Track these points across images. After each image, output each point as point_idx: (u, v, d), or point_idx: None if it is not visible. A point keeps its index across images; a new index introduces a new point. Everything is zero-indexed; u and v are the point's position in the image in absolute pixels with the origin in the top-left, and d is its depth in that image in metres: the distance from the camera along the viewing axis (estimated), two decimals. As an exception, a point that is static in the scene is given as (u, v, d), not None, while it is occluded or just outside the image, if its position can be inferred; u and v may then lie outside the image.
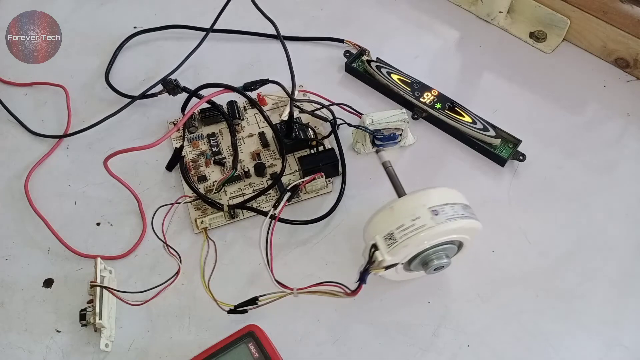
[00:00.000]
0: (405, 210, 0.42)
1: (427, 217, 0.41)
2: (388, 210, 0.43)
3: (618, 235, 0.52)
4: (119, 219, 0.53)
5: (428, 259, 0.44)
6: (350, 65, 0.62)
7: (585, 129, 0.59)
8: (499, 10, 0.65)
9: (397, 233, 0.41)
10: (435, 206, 0.42)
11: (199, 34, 0.64)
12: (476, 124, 0.56)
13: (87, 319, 0.45)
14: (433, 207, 0.41)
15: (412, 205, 0.42)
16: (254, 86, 0.54)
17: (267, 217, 0.49)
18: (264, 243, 0.48)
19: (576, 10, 0.62)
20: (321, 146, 0.56)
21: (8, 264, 0.51)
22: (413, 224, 0.41)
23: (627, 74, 0.62)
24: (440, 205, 0.42)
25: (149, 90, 0.60)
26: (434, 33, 0.67)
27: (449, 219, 0.41)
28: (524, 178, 0.55)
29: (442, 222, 0.41)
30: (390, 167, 0.50)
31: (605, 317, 0.48)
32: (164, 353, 0.46)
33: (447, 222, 0.41)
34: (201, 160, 0.56)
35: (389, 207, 0.43)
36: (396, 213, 0.42)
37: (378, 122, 0.53)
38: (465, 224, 0.42)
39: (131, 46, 0.65)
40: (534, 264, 0.51)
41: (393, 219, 0.42)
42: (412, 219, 0.41)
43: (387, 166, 0.50)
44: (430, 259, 0.44)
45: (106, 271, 0.48)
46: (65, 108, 0.60)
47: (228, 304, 0.46)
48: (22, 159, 0.57)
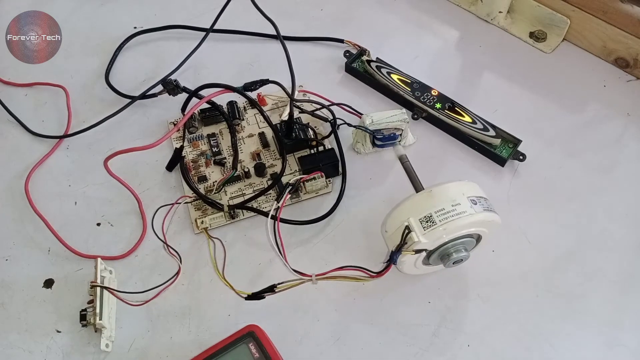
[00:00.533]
0: (446, 195, 0.43)
1: (467, 205, 0.43)
2: (426, 194, 0.44)
3: (618, 234, 0.52)
4: (119, 219, 0.53)
5: (448, 251, 0.45)
6: (350, 66, 0.62)
7: (585, 128, 0.59)
8: (499, 10, 0.65)
9: (437, 216, 0.42)
10: (473, 196, 0.44)
11: (199, 34, 0.64)
12: (476, 123, 0.56)
13: (87, 319, 0.45)
14: (471, 196, 0.43)
15: (453, 191, 0.44)
16: (254, 86, 0.54)
17: (272, 209, 0.49)
18: (272, 237, 0.48)
19: (576, 10, 0.62)
20: (321, 146, 0.56)
21: (8, 264, 0.51)
22: (454, 209, 0.42)
23: (627, 73, 0.62)
24: (477, 197, 0.44)
25: (149, 91, 0.60)
26: (433, 33, 0.67)
27: (485, 209, 0.43)
28: (524, 178, 0.55)
29: (480, 211, 0.43)
30: (408, 162, 0.51)
31: (606, 316, 0.48)
32: (164, 353, 0.46)
33: (484, 212, 0.43)
34: (201, 161, 0.56)
35: (427, 191, 0.44)
36: (436, 197, 0.43)
37: (378, 122, 0.53)
38: (495, 218, 0.44)
39: (131, 46, 0.65)
40: (534, 264, 0.51)
41: (432, 203, 0.43)
42: (453, 205, 0.43)
43: (404, 160, 0.51)
44: (450, 252, 0.45)
45: (106, 271, 0.48)
46: (65, 108, 0.60)
47: (245, 292, 0.45)
48: (22, 160, 0.57)
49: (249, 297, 0.45)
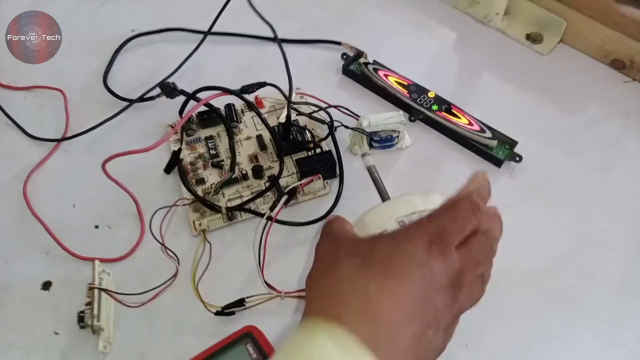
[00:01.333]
0: (374, 223, 0.39)
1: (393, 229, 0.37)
2: (360, 223, 0.39)
3: (617, 235, 0.52)
4: (118, 221, 0.53)
5: None
6: (348, 68, 0.62)
7: (582, 130, 0.59)
8: (496, 12, 0.65)
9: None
10: (402, 216, 0.38)
11: (197, 37, 0.65)
12: (473, 125, 0.56)
13: (85, 321, 0.45)
14: (400, 217, 0.38)
15: (380, 216, 0.39)
16: (252, 89, 0.54)
17: (263, 218, 0.49)
18: (257, 245, 0.48)
19: (573, 11, 0.62)
20: (319, 148, 0.56)
21: (7, 266, 0.51)
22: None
23: (624, 75, 0.63)
24: (408, 215, 0.38)
25: (147, 94, 0.60)
26: (430, 35, 0.67)
27: None
28: (521, 179, 0.55)
29: None
30: (376, 173, 0.51)
31: (605, 316, 0.48)
32: (162, 355, 0.46)
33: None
34: (199, 163, 0.56)
35: (360, 219, 0.40)
36: (367, 225, 0.39)
37: (375, 124, 0.54)
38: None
39: (129, 49, 0.66)
40: (532, 265, 0.51)
41: (363, 232, 0.38)
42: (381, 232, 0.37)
43: (372, 171, 0.52)
44: None
45: (104, 273, 0.48)
46: (63, 111, 0.60)
47: (216, 306, 0.46)
48: (20, 163, 0.57)
49: (218, 313, 0.46)
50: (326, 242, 0.37)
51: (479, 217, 0.34)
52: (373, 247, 0.34)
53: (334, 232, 0.37)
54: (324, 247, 0.37)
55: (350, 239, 0.36)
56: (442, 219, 0.34)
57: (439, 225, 0.33)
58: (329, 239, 0.37)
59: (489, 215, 0.36)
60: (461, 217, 0.34)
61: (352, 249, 0.34)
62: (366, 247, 0.34)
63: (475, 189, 0.35)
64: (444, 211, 0.34)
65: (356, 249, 0.34)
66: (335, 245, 0.36)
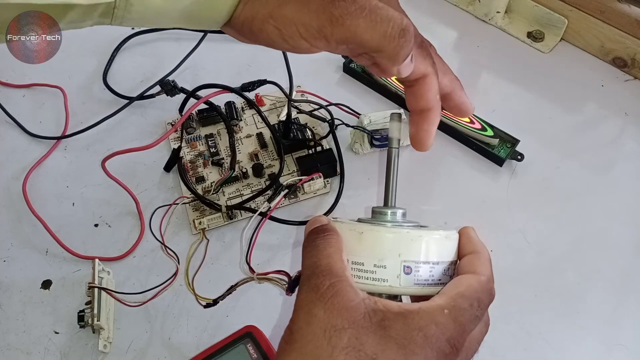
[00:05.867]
0: (373, 247, 0.32)
1: (394, 272, 0.31)
2: (356, 234, 0.32)
3: (616, 234, 0.52)
4: (117, 220, 0.53)
5: None
6: (348, 66, 0.62)
7: (583, 128, 0.59)
8: (497, 10, 0.65)
9: (353, 266, 0.32)
10: (411, 261, 0.31)
11: (197, 35, 0.64)
12: (474, 123, 0.56)
13: (85, 320, 0.45)
14: (408, 262, 0.31)
15: (386, 246, 0.32)
16: (252, 87, 0.54)
17: (255, 214, 0.48)
18: (248, 237, 0.47)
19: (574, 9, 0.62)
20: (319, 147, 0.56)
21: (6, 265, 0.51)
22: (374, 271, 0.31)
23: (625, 73, 0.62)
24: (418, 263, 0.32)
25: (146, 92, 0.60)
26: (431, 33, 0.66)
27: (417, 284, 0.32)
28: (523, 178, 0.55)
29: (406, 286, 0.31)
30: (396, 150, 0.36)
31: (604, 316, 0.48)
32: (163, 354, 0.46)
33: (411, 288, 0.32)
34: (199, 161, 0.56)
35: (358, 231, 0.32)
36: (364, 243, 0.32)
37: (376, 122, 0.53)
38: (429, 293, 0.32)
39: (129, 47, 0.65)
40: (532, 264, 0.51)
41: (356, 248, 0.32)
42: (377, 264, 0.31)
43: (392, 145, 0.36)
44: None
45: (104, 272, 0.48)
46: (63, 109, 0.60)
47: (207, 299, 0.44)
48: (20, 161, 0.57)
49: (208, 305, 0.45)
50: (312, 297, 0.29)
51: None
52: (381, 348, 0.27)
53: (323, 272, 0.29)
54: (311, 307, 0.29)
55: (351, 309, 0.28)
56: (464, 317, 0.29)
57: (459, 327, 0.29)
58: (318, 295, 0.29)
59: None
60: (480, 315, 0.30)
61: (355, 338, 0.27)
62: (373, 344, 0.27)
63: (491, 275, 0.32)
64: (467, 308, 0.29)
65: (360, 340, 0.27)
66: (329, 315, 0.28)
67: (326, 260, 0.30)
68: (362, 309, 0.28)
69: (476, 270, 0.31)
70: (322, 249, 0.31)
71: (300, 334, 0.28)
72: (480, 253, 0.33)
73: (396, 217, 0.35)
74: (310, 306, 0.29)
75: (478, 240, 0.34)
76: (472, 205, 0.54)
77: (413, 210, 0.53)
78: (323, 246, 0.31)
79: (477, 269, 0.32)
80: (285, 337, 0.29)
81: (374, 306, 0.28)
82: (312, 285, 0.29)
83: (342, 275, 0.29)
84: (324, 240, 0.31)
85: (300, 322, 0.29)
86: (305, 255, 0.31)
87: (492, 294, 0.31)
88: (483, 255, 0.33)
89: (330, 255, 0.30)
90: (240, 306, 0.48)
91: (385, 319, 0.28)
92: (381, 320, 0.28)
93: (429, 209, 0.53)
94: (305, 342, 0.28)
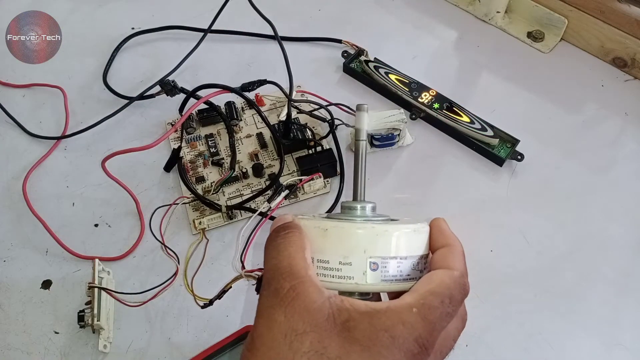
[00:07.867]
0: (339, 243, 0.31)
1: (360, 269, 0.30)
2: (320, 231, 0.31)
3: (616, 234, 0.52)
4: (117, 220, 0.53)
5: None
6: (348, 66, 0.62)
7: (583, 128, 0.59)
8: (497, 10, 0.65)
9: (318, 266, 0.30)
10: (378, 257, 0.30)
11: (196, 35, 0.64)
12: (474, 123, 0.56)
13: (85, 320, 0.45)
14: (374, 257, 0.30)
15: (352, 242, 0.30)
16: (252, 87, 0.54)
17: (255, 214, 0.48)
18: (245, 236, 0.46)
19: (574, 9, 0.62)
20: (319, 147, 0.56)
21: (6, 265, 0.51)
22: (339, 268, 0.30)
23: (625, 73, 0.62)
24: (385, 259, 0.30)
25: (146, 92, 0.60)
26: (431, 33, 0.67)
27: (384, 280, 0.30)
28: (522, 178, 0.55)
29: (374, 283, 0.30)
30: (364, 143, 0.36)
31: (604, 316, 0.48)
32: (163, 354, 0.46)
33: (379, 285, 0.31)
34: (199, 161, 0.56)
35: (322, 228, 0.31)
36: (328, 240, 0.31)
37: (376, 122, 0.53)
38: (399, 289, 0.31)
39: (129, 47, 0.65)
40: (532, 264, 0.51)
41: (321, 246, 0.31)
42: (342, 261, 0.30)
43: (359, 137, 0.36)
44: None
45: (104, 272, 0.48)
46: (63, 109, 0.60)
47: (204, 299, 0.45)
48: (20, 161, 0.57)
49: (205, 306, 0.44)
50: (272, 302, 0.28)
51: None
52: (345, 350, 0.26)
53: (283, 275, 0.29)
54: (271, 312, 0.28)
55: (313, 311, 0.27)
56: (434, 315, 0.28)
57: (428, 325, 0.27)
58: (278, 300, 0.28)
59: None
60: (452, 312, 0.29)
61: (317, 342, 0.26)
62: (336, 347, 0.26)
63: (464, 269, 0.31)
64: (438, 306, 0.28)
65: (322, 343, 0.26)
66: (290, 319, 0.27)
67: (287, 261, 0.29)
68: (325, 309, 0.27)
69: (449, 265, 0.30)
70: (283, 249, 0.30)
71: (261, 341, 0.27)
72: (453, 246, 0.31)
73: (366, 212, 0.34)
74: (270, 311, 0.28)
75: (450, 232, 0.32)
76: (472, 205, 0.54)
77: (413, 210, 0.53)
78: (284, 246, 0.30)
79: (450, 264, 0.30)
80: (247, 345, 0.28)
81: (340, 305, 0.27)
82: (272, 290, 0.28)
83: (304, 276, 0.28)
84: (285, 239, 0.30)
85: (261, 328, 0.28)
86: (266, 257, 0.30)
87: (466, 289, 0.30)
88: (456, 248, 0.31)
89: (291, 255, 0.29)
90: (240, 306, 0.48)
91: (351, 319, 0.27)
92: (346, 321, 0.27)
93: (429, 209, 0.53)
94: (265, 349, 0.27)
